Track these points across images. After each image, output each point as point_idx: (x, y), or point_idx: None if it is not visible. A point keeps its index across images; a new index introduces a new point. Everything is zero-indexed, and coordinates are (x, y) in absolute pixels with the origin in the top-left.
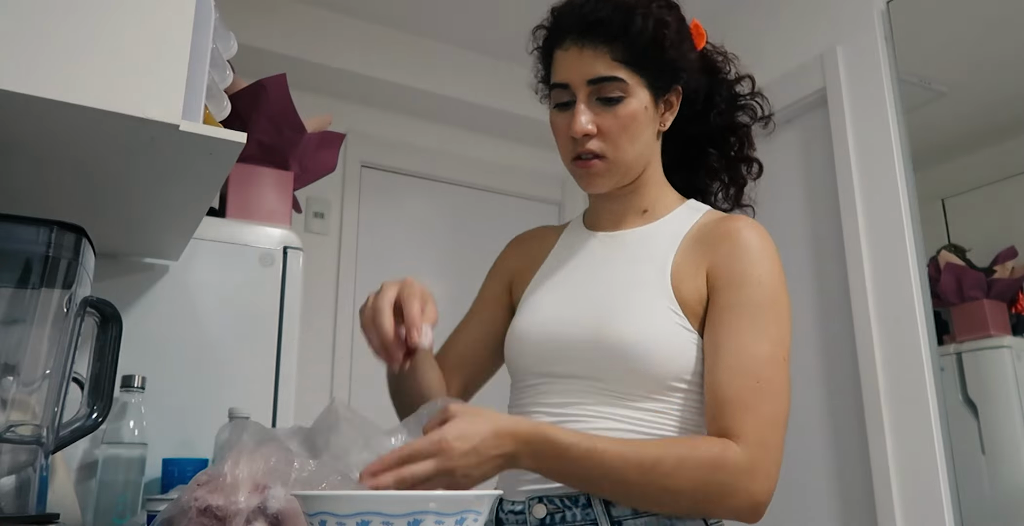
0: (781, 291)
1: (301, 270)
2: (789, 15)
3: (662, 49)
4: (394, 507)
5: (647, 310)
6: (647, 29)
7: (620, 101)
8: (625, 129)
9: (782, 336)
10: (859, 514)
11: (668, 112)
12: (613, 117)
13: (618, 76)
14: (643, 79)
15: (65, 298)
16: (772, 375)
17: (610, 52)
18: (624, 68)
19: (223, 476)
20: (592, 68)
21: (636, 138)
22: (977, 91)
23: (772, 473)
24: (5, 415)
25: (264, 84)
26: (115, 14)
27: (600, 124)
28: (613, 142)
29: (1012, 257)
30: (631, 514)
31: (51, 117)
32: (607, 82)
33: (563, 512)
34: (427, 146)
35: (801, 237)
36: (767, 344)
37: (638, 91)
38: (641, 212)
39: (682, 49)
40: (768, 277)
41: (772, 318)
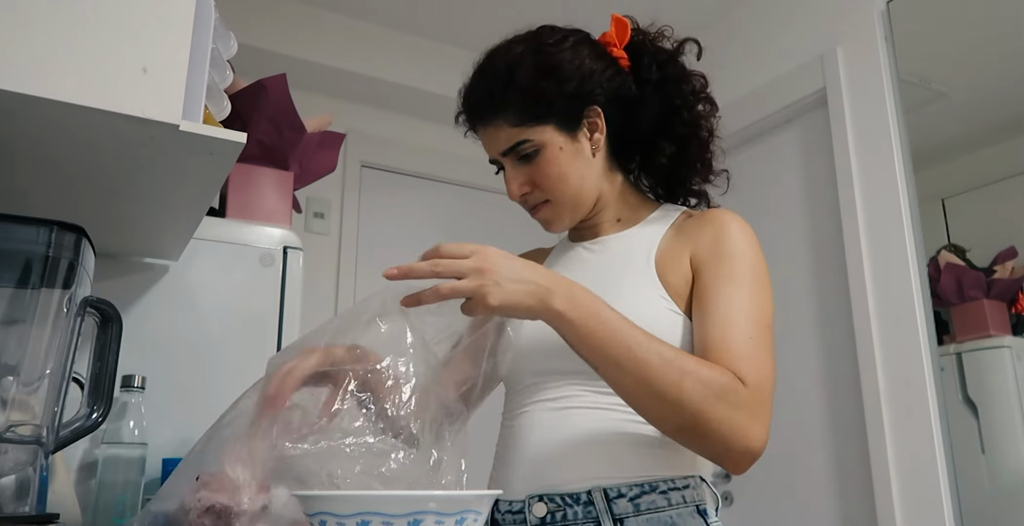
0: (762, 266)
1: (301, 270)
2: (789, 15)
3: (555, 95)
4: (394, 507)
5: (636, 298)
6: (531, 86)
7: (536, 154)
8: (550, 175)
9: (766, 307)
10: (859, 514)
11: (597, 132)
12: (536, 169)
13: (521, 139)
14: (547, 125)
15: (65, 298)
16: (761, 336)
17: (507, 121)
18: (523, 128)
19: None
20: (499, 142)
21: (566, 176)
22: (977, 91)
23: (766, 427)
24: (5, 415)
25: (264, 84)
26: (115, 13)
27: (531, 177)
28: (549, 188)
29: (1012, 257)
30: (632, 511)
31: (51, 117)
32: (517, 147)
33: (564, 510)
34: (427, 146)
35: (801, 237)
36: (753, 308)
37: (547, 137)
38: (615, 221)
39: (581, 78)
40: (749, 251)
41: (755, 287)
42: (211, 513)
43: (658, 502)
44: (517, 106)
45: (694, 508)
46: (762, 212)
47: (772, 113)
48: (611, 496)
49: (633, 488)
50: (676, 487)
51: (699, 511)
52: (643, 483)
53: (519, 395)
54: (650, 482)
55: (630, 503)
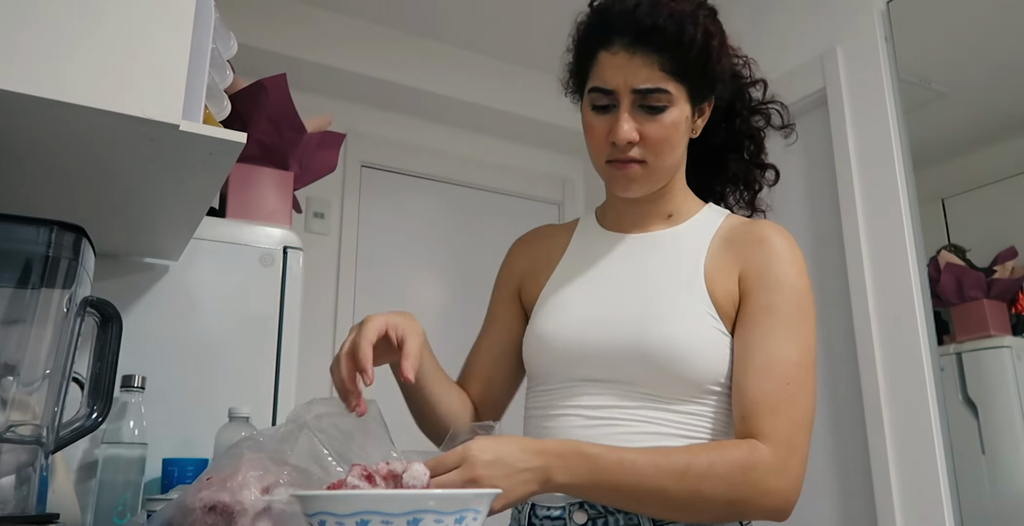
0: (809, 297)
1: (301, 270)
2: (789, 15)
3: (707, 62)
4: (393, 506)
5: (688, 314)
6: (696, 41)
7: (664, 110)
8: (667, 138)
9: (810, 341)
10: (859, 514)
11: (700, 119)
12: (658, 126)
13: (665, 88)
14: (686, 90)
15: (65, 298)
16: (800, 379)
17: (659, 62)
18: (671, 79)
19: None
20: (640, 77)
21: (676, 147)
22: (977, 91)
23: (799, 473)
24: (5, 415)
25: (264, 84)
26: (115, 14)
27: (643, 131)
28: (654, 149)
29: (1012, 257)
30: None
31: (51, 117)
32: (654, 92)
33: (605, 518)
34: (427, 146)
35: (801, 237)
36: (796, 348)
37: (681, 102)
38: (666, 216)
39: (723, 61)
40: (799, 282)
41: (801, 323)
42: (214, 512)
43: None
44: (674, 51)
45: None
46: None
47: None
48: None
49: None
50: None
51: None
52: None
53: (552, 396)
54: None
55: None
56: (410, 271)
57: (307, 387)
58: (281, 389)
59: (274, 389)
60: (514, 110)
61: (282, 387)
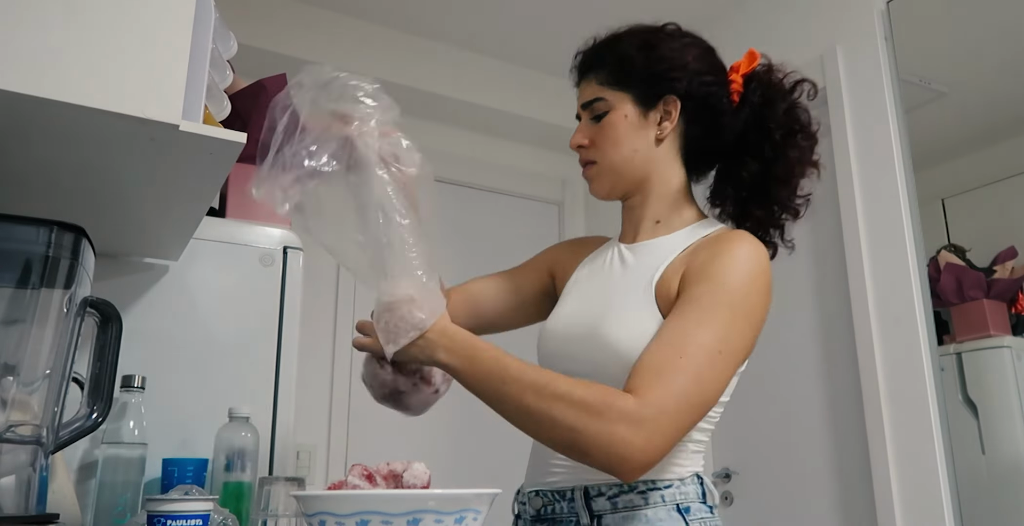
0: (742, 295)
1: (301, 270)
2: (789, 15)
3: (641, 65)
4: (393, 506)
5: (633, 312)
6: (626, 54)
7: (604, 115)
8: (607, 137)
9: (731, 336)
10: (859, 514)
11: (667, 121)
12: (599, 129)
13: (600, 97)
14: (627, 94)
15: (65, 298)
16: (700, 359)
17: (596, 79)
18: (606, 89)
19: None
20: (584, 95)
21: (618, 143)
22: (977, 91)
23: (661, 439)
24: (5, 415)
25: (264, 84)
26: (115, 14)
27: (591, 136)
28: (599, 148)
29: (1012, 257)
30: (610, 509)
31: (51, 117)
32: (593, 103)
33: (553, 505)
34: (427, 146)
35: (801, 237)
36: (707, 334)
37: (621, 105)
38: (654, 222)
39: (673, 63)
40: (734, 281)
41: (725, 317)
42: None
43: (635, 501)
44: (608, 68)
45: (673, 507)
46: None
47: None
48: (591, 494)
49: (613, 488)
50: (656, 487)
51: (679, 509)
52: (622, 483)
53: None
54: (630, 483)
55: (608, 501)
56: None
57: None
58: (281, 389)
59: (274, 389)
60: (514, 110)
61: (282, 387)
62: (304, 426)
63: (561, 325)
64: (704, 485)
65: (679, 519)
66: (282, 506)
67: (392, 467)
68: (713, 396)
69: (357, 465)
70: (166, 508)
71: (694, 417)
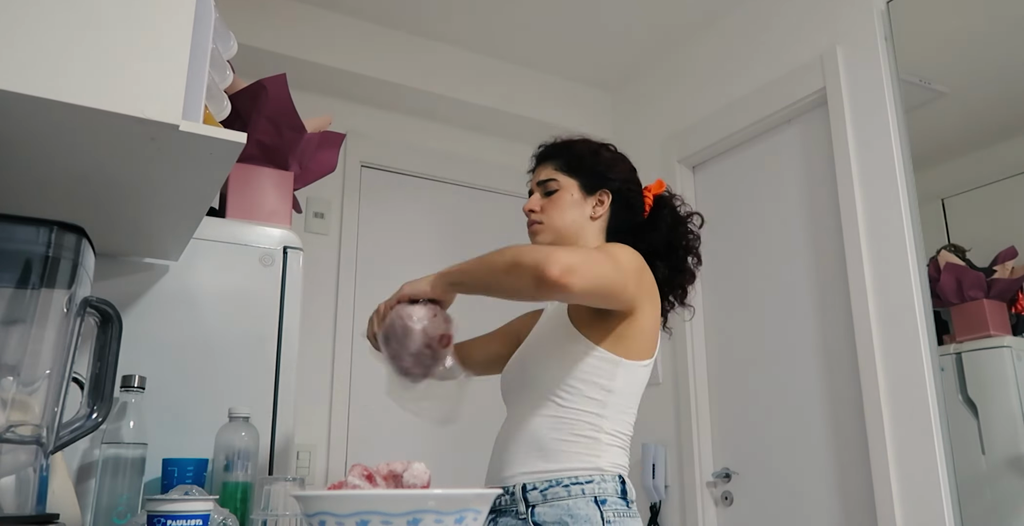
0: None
1: (301, 270)
2: (789, 15)
3: (588, 161)
4: (393, 506)
5: (550, 337)
6: (578, 149)
7: (554, 192)
8: (556, 207)
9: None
10: (859, 514)
11: (600, 206)
12: (549, 201)
13: (554, 178)
14: (574, 180)
15: (65, 298)
16: (607, 255)
17: (554, 164)
18: (560, 174)
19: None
20: (540, 175)
21: (563, 212)
22: (977, 91)
23: (579, 257)
24: (5, 415)
25: (264, 84)
26: (115, 14)
27: (543, 205)
28: (547, 214)
29: (1012, 257)
30: (541, 500)
31: (51, 117)
32: (548, 182)
33: (503, 498)
34: (427, 146)
35: (801, 237)
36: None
37: (568, 186)
38: None
39: (610, 169)
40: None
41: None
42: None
43: (560, 493)
44: (564, 159)
45: (591, 499)
46: (762, 212)
47: (772, 113)
48: (528, 489)
49: (544, 483)
50: (578, 482)
51: (596, 501)
52: (551, 479)
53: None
54: (557, 478)
55: (540, 494)
56: (410, 271)
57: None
58: (281, 389)
59: (274, 389)
60: (514, 110)
61: (282, 387)
62: (304, 426)
63: (512, 360)
64: (625, 484)
65: (596, 509)
66: (282, 506)
67: (392, 467)
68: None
69: (357, 465)
70: (166, 508)
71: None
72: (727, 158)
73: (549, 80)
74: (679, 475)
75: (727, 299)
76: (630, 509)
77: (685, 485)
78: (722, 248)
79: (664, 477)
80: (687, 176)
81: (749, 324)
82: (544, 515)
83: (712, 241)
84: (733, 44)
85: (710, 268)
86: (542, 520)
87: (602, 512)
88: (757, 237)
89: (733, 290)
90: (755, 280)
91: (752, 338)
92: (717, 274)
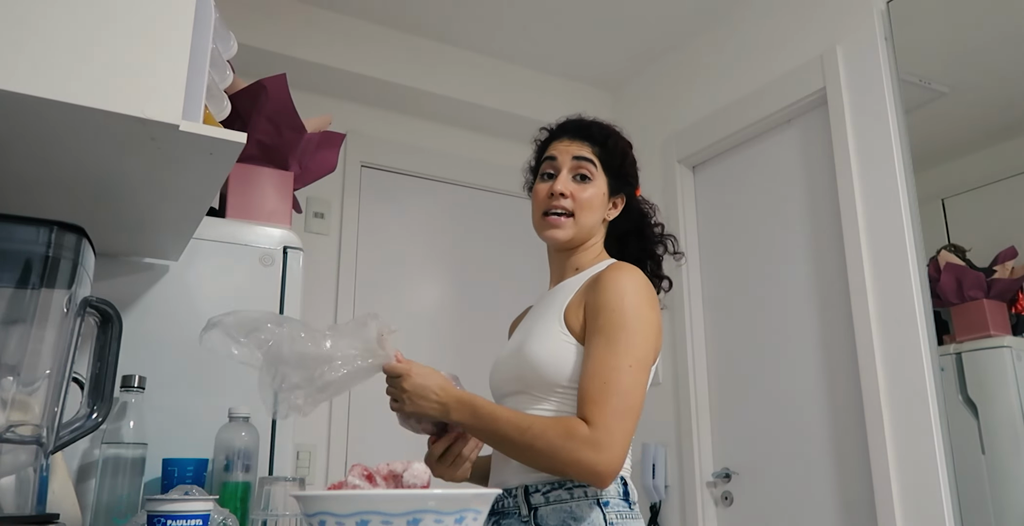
0: (630, 315)
1: (301, 270)
2: (789, 15)
3: (622, 163)
4: (393, 506)
5: (544, 333)
6: (617, 147)
7: (589, 180)
8: (589, 202)
9: (631, 349)
10: (859, 514)
11: (613, 209)
12: (583, 189)
13: (592, 160)
14: (605, 174)
15: (65, 298)
16: (618, 378)
17: (591, 148)
18: (597, 161)
19: None
20: (578, 150)
21: (594, 211)
22: (977, 91)
23: (615, 451)
24: (5, 415)
25: (264, 84)
26: (115, 14)
27: (574, 192)
28: (580, 206)
29: (1012, 257)
30: (544, 502)
31: (51, 117)
32: (586, 161)
33: (506, 500)
34: (427, 146)
35: (801, 237)
36: (618, 356)
37: (600, 182)
38: (574, 269)
39: (632, 172)
40: (618, 304)
41: (623, 336)
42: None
43: (563, 496)
44: (603, 149)
45: (594, 501)
46: (762, 212)
47: (772, 113)
48: (530, 491)
49: (546, 485)
50: (580, 485)
51: (599, 503)
52: (554, 482)
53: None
54: (559, 481)
55: (543, 496)
56: (410, 271)
57: None
58: None
59: None
60: (514, 110)
61: None
62: (304, 426)
63: (503, 354)
64: (627, 485)
65: (598, 511)
66: (282, 506)
67: (392, 467)
68: (639, 399)
69: (357, 465)
70: (166, 508)
71: (633, 420)
72: (727, 158)
73: (549, 80)
74: (679, 475)
75: (727, 299)
76: (632, 510)
77: (685, 485)
78: (722, 248)
79: (664, 477)
80: (687, 176)
81: (749, 324)
82: (547, 517)
83: (712, 241)
84: (733, 44)
85: (710, 268)
86: (545, 522)
87: (605, 514)
88: (757, 237)
89: (733, 290)
90: (755, 280)
91: (752, 338)
92: (717, 274)
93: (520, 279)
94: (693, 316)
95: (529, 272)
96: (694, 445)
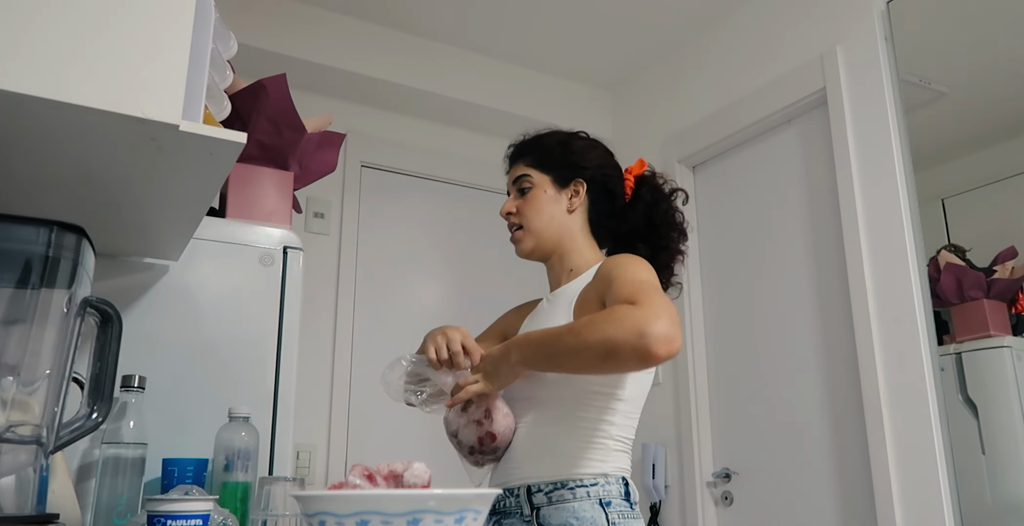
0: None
1: (301, 270)
2: (789, 15)
3: (561, 152)
4: (393, 506)
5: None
6: (550, 142)
7: (528, 190)
8: (530, 206)
9: (647, 277)
10: (859, 514)
11: (576, 197)
12: (524, 201)
13: (526, 174)
14: (547, 175)
15: (65, 298)
16: (649, 285)
17: (525, 162)
18: (531, 169)
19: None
20: (514, 172)
21: (540, 210)
22: (977, 91)
23: (667, 322)
24: (5, 415)
25: (264, 84)
26: (115, 14)
27: (518, 206)
28: (525, 215)
29: (1012, 257)
30: (546, 502)
31: (51, 117)
32: (520, 179)
33: (505, 500)
34: (427, 146)
35: (801, 237)
36: (636, 277)
37: (542, 183)
38: (568, 272)
39: (582, 157)
40: (633, 275)
41: (635, 270)
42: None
43: (566, 496)
44: (534, 155)
45: (596, 501)
46: (762, 212)
47: (772, 113)
48: (533, 491)
49: (549, 485)
50: (583, 485)
51: (601, 503)
52: (557, 482)
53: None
54: (562, 481)
55: (545, 496)
56: (410, 271)
57: (307, 387)
58: (281, 389)
59: (274, 389)
60: (514, 110)
61: (282, 387)
62: (304, 426)
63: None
64: (628, 486)
65: (600, 511)
66: (282, 506)
67: (392, 467)
68: (669, 301)
69: (357, 465)
70: (166, 508)
71: (675, 314)
72: (727, 158)
73: (549, 80)
74: (679, 475)
75: (727, 299)
76: (633, 510)
77: (685, 485)
78: (722, 248)
79: (664, 477)
80: (687, 176)
81: (749, 324)
82: (549, 517)
83: (712, 241)
84: (733, 44)
85: (710, 268)
86: (547, 522)
87: (607, 514)
88: (757, 237)
89: (733, 290)
90: (755, 280)
91: (752, 338)
92: (717, 274)
93: (520, 279)
94: (693, 316)
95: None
96: (694, 445)
